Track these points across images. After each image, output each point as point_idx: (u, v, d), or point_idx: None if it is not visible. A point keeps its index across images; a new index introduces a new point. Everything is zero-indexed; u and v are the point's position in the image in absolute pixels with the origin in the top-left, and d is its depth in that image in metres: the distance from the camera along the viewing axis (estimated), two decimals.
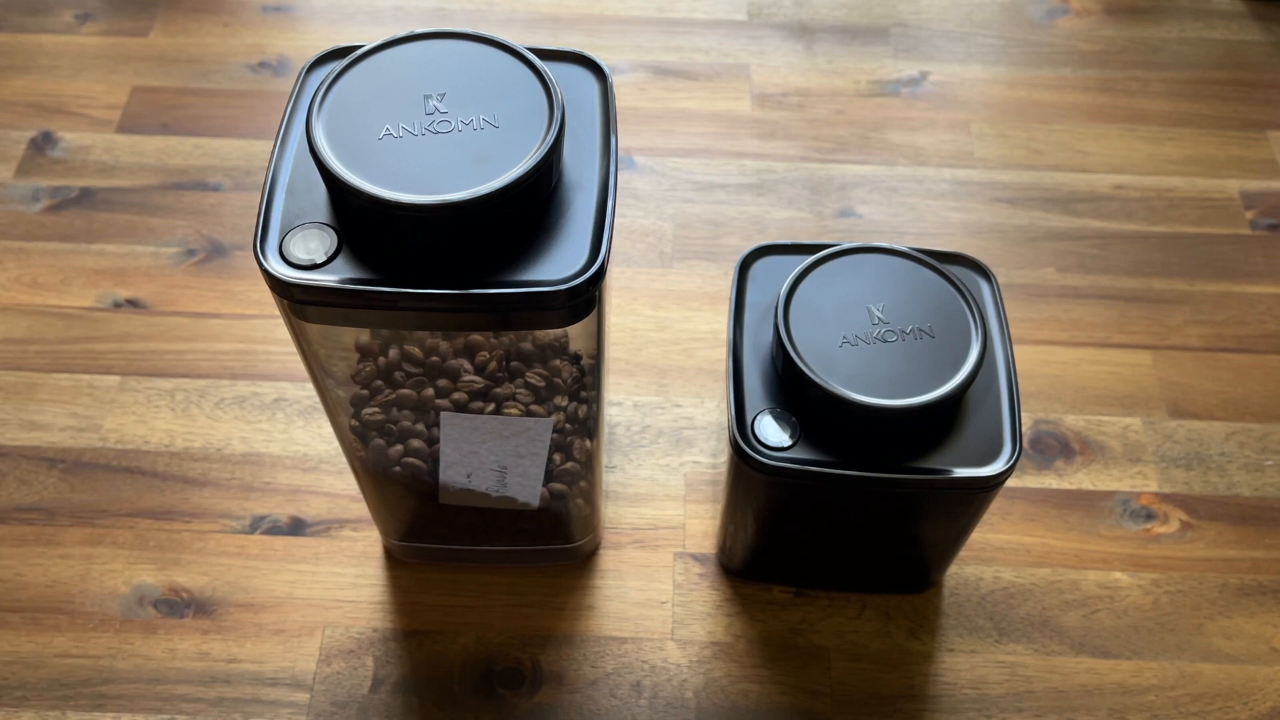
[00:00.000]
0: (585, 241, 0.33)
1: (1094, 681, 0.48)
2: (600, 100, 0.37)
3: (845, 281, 0.42)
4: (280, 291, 0.32)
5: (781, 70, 0.73)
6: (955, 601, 0.50)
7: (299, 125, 0.35)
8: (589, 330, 0.37)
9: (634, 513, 0.53)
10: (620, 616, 0.50)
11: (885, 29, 0.76)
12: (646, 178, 0.66)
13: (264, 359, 0.58)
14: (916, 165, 0.67)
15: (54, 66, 0.72)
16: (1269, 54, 0.74)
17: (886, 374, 0.39)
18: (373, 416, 0.41)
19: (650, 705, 0.47)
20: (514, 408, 0.40)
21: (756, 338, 0.43)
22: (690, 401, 0.57)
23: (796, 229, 0.64)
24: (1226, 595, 0.51)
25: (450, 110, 0.33)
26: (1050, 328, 0.60)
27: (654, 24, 0.75)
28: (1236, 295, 0.61)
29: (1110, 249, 0.63)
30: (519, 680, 0.48)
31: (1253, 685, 0.48)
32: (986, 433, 0.41)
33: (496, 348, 0.39)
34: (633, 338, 0.59)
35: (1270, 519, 0.53)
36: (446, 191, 0.31)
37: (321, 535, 0.52)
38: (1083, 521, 0.53)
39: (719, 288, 0.61)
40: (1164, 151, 0.69)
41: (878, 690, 0.48)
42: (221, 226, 0.63)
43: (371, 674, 0.48)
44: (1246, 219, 0.65)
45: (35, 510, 0.52)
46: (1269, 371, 0.58)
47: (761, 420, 0.41)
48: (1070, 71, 0.73)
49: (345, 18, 0.75)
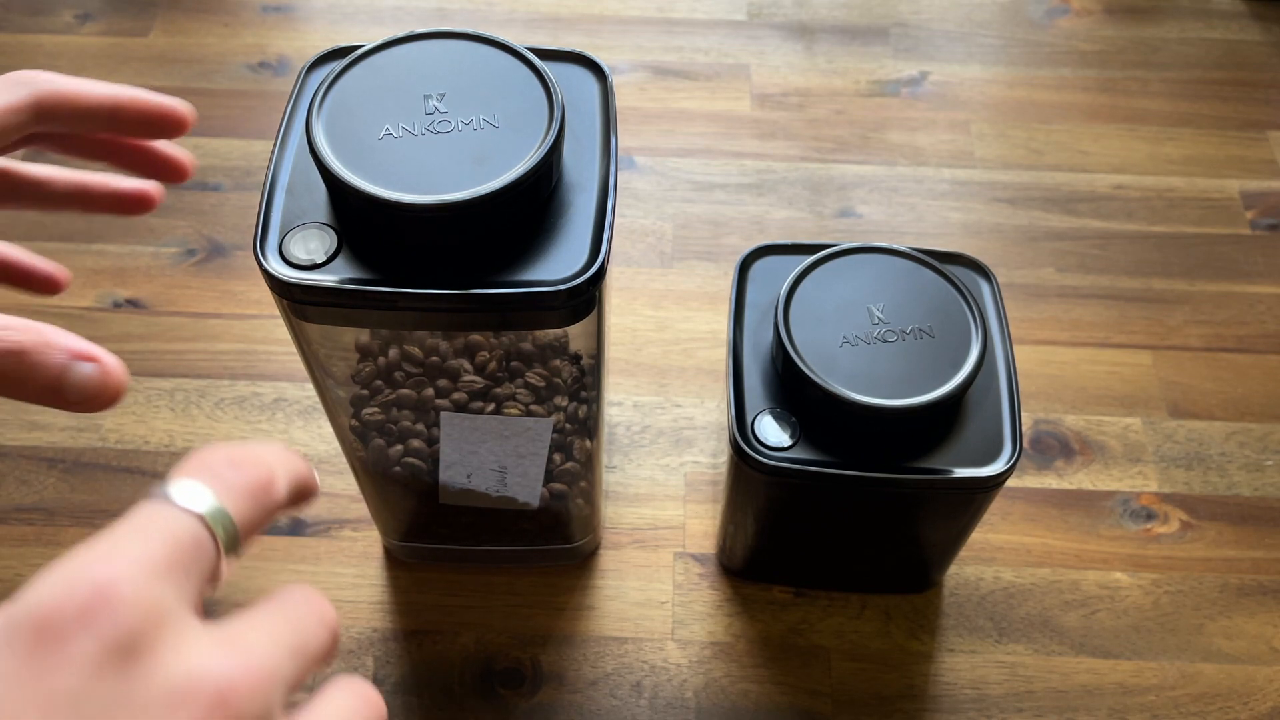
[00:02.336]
0: (585, 241, 0.33)
1: (1094, 681, 0.48)
2: (600, 100, 0.36)
3: (845, 281, 0.42)
4: (280, 291, 0.32)
5: (781, 70, 0.73)
6: (955, 601, 0.50)
7: (299, 125, 0.35)
8: (589, 330, 0.37)
9: (634, 513, 0.53)
10: (620, 616, 0.50)
11: (885, 29, 0.76)
12: (646, 178, 0.66)
13: (264, 359, 0.58)
14: (916, 165, 0.67)
15: (54, 66, 0.71)
16: (1269, 54, 0.74)
17: (886, 374, 0.39)
18: (373, 416, 0.41)
19: (650, 705, 0.47)
20: (514, 408, 0.40)
21: (756, 338, 0.43)
22: (690, 401, 0.57)
23: (796, 229, 0.64)
24: (1226, 595, 0.51)
25: (450, 110, 0.33)
26: (1050, 328, 0.60)
27: (654, 24, 0.75)
28: (1236, 295, 0.61)
29: (1110, 249, 0.63)
30: (519, 680, 0.48)
31: (1253, 685, 0.48)
32: (986, 433, 0.41)
33: (496, 348, 0.39)
34: (633, 338, 0.59)
35: (1270, 519, 0.53)
36: (446, 191, 0.31)
37: (321, 535, 0.52)
38: (1083, 521, 0.53)
39: (719, 288, 0.61)
40: (1164, 151, 0.69)
41: (878, 690, 0.48)
42: (221, 226, 0.63)
43: (371, 674, 0.48)
44: (1246, 219, 0.65)
45: (35, 510, 0.52)
46: (1269, 371, 0.58)
47: (761, 420, 0.41)
48: (1070, 71, 0.73)
49: (345, 18, 0.75)
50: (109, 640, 0.17)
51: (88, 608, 0.17)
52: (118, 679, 0.17)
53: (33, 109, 0.30)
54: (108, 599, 0.17)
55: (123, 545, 0.19)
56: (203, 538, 0.20)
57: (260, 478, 0.22)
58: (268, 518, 0.22)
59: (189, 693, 0.18)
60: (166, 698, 0.17)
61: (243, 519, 0.21)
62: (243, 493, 0.21)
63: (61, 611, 0.17)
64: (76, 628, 0.17)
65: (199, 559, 0.20)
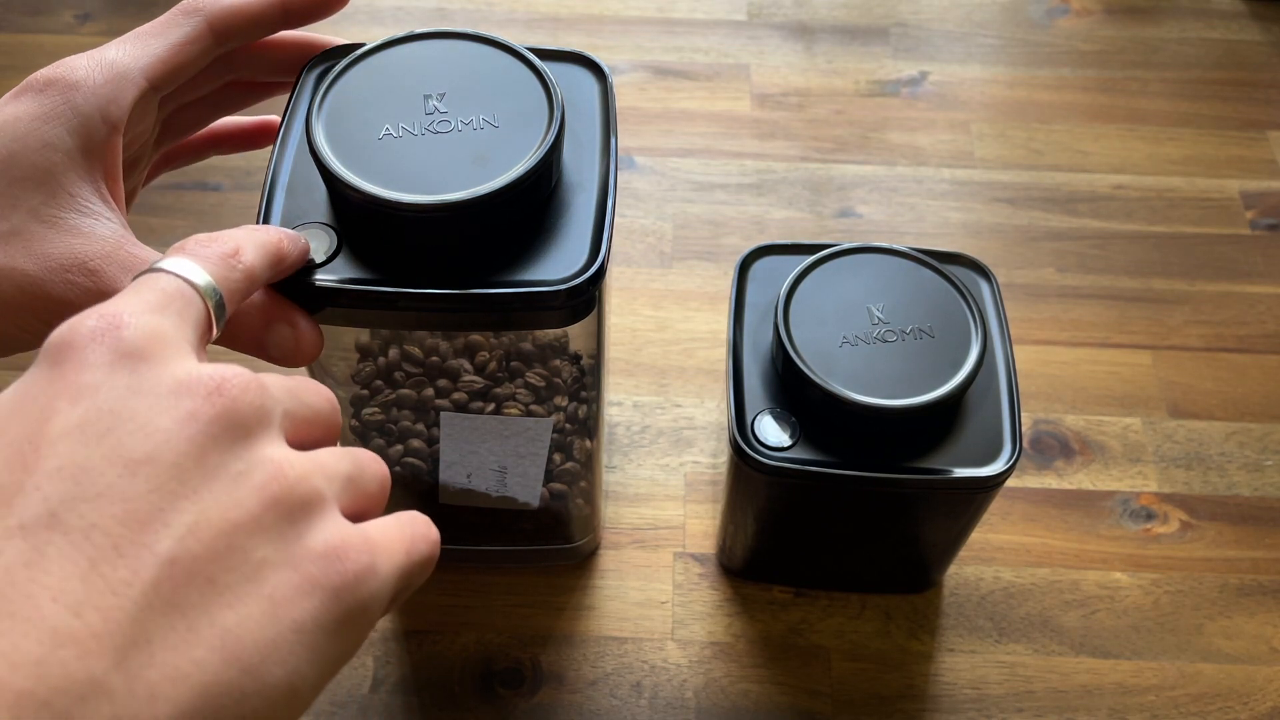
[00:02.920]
0: (585, 241, 0.33)
1: (1094, 681, 0.48)
2: (600, 100, 0.36)
3: (845, 281, 0.42)
4: (280, 291, 0.32)
5: (781, 70, 0.73)
6: (955, 601, 0.50)
7: (299, 125, 0.35)
8: (589, 330, 0.37)
9: (634, 513, 0.53)
10: (620, 616, 0.50)
11: (885, 29, 0.76)
12: (646, 178, 0.66)
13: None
14: (916, 165, 0.67)
15: None
16: (1269, 54, 0.74)
17: (886, 374, 0.39)
18: (373, 416, 0.41)
19: (650, 705, 0.47)
20: (514, 408, 0.40)
21: (756, 338, 0.43)
22: (690, 401, 0.57)
23: (796, 229, 0.64)
24: (1226, 595, 0.51)
25: (450, 110, 0.33)
26: (1050, 328, 0.60)
27: (654, 24, 0.75)
28: (1236, 295, 0.61)
29: (1110, 249, 0.63)
30: (519, 680, 0.48)
31: (1253, 685, 0.48)
32: (986, 433, 0.41)
33: (496, 348, 0.39)
34: (633, 338, 0.59)
35: (1270, 519, 0.53)
36: (446, 191, 0.31)
37: None
38: (1083, 521, 0.53)
39: (719, 288, 0.61)
40: (1164, 151, 0.69)
41: (878, 690, 0.48)
42: (221, 226, 0.63)
43: (371, 674, 0.48)
44: (1246, 219, 0.65)
45: None
46: (1269, 371, 0.58)
47: (761, 420, 0.41)
48: (1070, 71, 0.73)
49: (345, 18, 0.75)
50: (118, 348, 0.21)
51: (98, 329, 0.21)
52: (130, 375, 0.21)
53: (210, 34, 0.33)
54: (114, 323, 0.21)
55: (123, 296, 0.23)
56: (188, 291, 0.24)
57: (227, 248, 0.26)
58: (246, 279, 0.27)
59: (191, 384, 0.21)
60: (173, 387, 0.21)
61: (219, 279, 0.25)
62: (214, 259, 0.26)
63: (76, 333, 0.21)
64: (90, 341, 0.21)
65: (189, 305, 0.24)
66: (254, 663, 0.20)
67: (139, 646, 0.18)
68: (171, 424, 0.21)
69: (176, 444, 0.20)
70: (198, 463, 0.20)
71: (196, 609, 0.19)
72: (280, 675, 0.20)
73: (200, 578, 0.20)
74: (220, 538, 0.20)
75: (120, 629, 0.18)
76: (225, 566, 0.20)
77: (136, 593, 0.19)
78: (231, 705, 0.19)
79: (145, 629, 0.19)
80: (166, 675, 0.19)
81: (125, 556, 0.19)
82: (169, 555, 0.19)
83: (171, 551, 0.19)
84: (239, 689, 0.19)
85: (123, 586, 0.19)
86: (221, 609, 0.20)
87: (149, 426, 0.20)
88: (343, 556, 0.22)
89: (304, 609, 0.21)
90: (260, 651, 0.20)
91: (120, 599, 0.18)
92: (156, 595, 0.19)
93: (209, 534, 0.20)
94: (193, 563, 0.20)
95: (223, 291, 0.25)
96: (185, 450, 0.20)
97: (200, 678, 0.19)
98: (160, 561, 0.19)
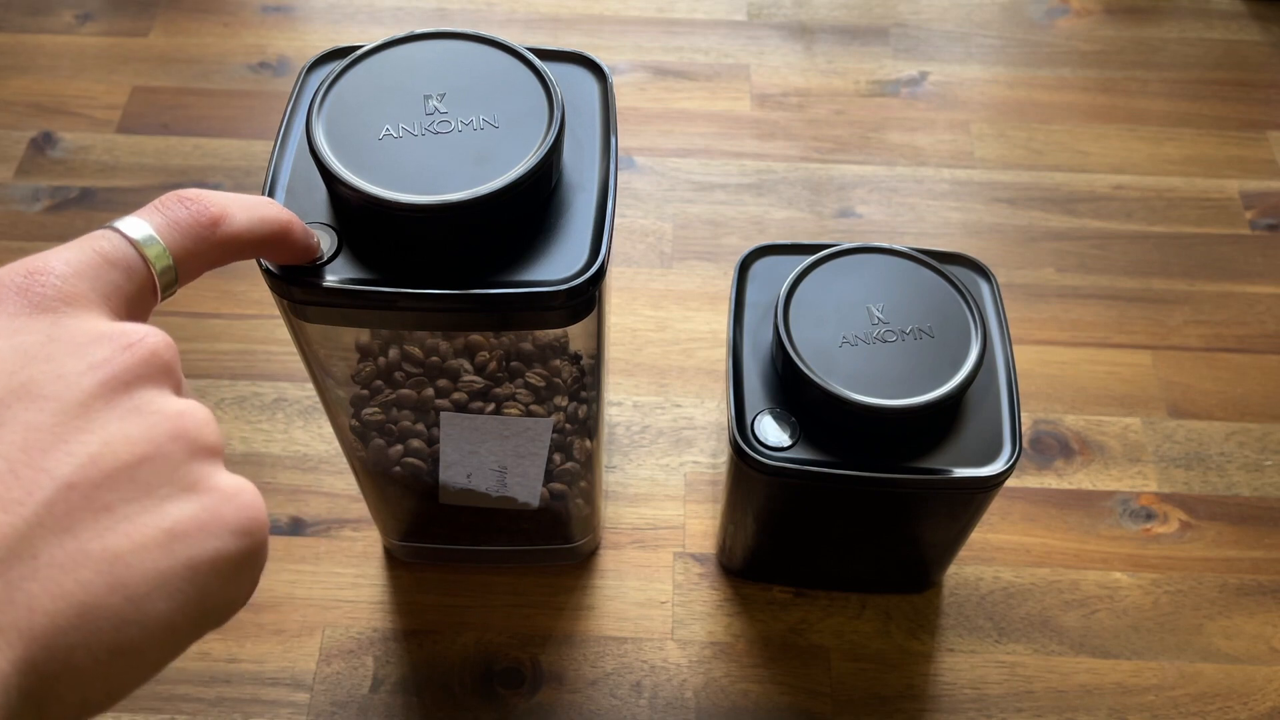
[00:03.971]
0: (585, 241, 0.33)
1: (1094, 681, 0.48)
2: (600, 100, 0.36)
3: (845, 281, 0.42)
4: (280, 292, 0.32)
5: (781, 70, 0.73)
6: (955, 601, 0.50)
7: (299, 125, 0.35)
8: (589, 330, 0.37)
9: (634, 513, 0.53)
10: (620, 616, 0.50)
11: (885, 29, 0.76)
12: (646, 178, 0.66)
13: (264, 359, 0.58)
14: (916, 165, 0.67)
15: (54, 67, 0.72)
16: (1269, 54, 0.74)
17: (886, 374, 0.39)
18: (373, 416, 0.41)
19: (650, 705, 0.47)
20: (514, 408, 0.40)
21: (756, 338, 0.43)
22: (690, 401, 0.57)
23: (796, 229, 0.64)
24: (1226, 595, 0.51)
25: (450, 110, 0.33)
26: (1050, 328, 0.60)
27: (654, 24, 0.75)
28: (1236, 295, 0.61)
29: (1110, 249, 0.63)
30: (519, 680, 0.48)
31: (1252, 685, 0.48)
32: (986, 433, 0.41)
33: (496, 348, 0.39)
34: (633, 338, 0.59)
35: (1270, 519, 0.53)
36: (446, 191, 0.31)
37: (321, 535, 0.52)
38: (1082, 521, 0.53)
39: (719, 288, 0.61)
40: (1164, 151, 0.69)
41: (878, 690, 0.48)
42: None
43: (371, 674, 0.48)
44: (1246, 219, 0.65)
45: None
46: (1269, 371, 0.58)
47: (761, 420, 0.41)
48: (1070, 71, 0.73)
49: (345, 18, 0.75)
50: (35, 300, 0.22)
51: (21, 283, 0.22)
52: (48, 324, 0.22)
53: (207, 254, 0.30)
54: (35, 278, 0.22)
55: (58, 251, 0.24)
56: (131, 256, 0.24)
57: (205, 214, 0.26)
58: (214, 250, 0.27)
59: (108, 335, 0.22)
60: (93, 336, 0.22)
61: (177, 247, 0.25)
62: (182, 225, 0.26)
63: (3, 284, 0.22)
64: (13, 292, 0.22)
65: (123, 269, 0.24)
66: (140, 592, 0.20)
67: (24, 560, 0.19)
68: (84, 366, 0.21)
69: (86, 385, 0.21)
70: (106, 402, 0.21)
71: (90, 533, 0.20)
72: (164, 610, 0.20)
73: (97, 503, 0.20)
74: (123, 469, 0.21)
75: (6, 541, 0.19)
76: (125, 497, 0.20)
77: (29, 511, 0.19)
78: (108, 629, 0.20)
79: (32, 545, 0.19)
80: (48, 590, 0.19)
81: (21, 479, 0.19)
82: (67, 480, 0.20)
83: (70, 477, 0.20)
84: (119, 615, 0.20)
85: (14, 505, 0.19)
86: (116, 536, 0.20)
87: (62, 368, 0.21)
88: (249, 502, 0.22)
89: (205, 546, 0.21)
90: (149, 582, 0.20)
91: (10, 515, 0.19)
92: (49, 515, 0.19)
93: (111, 464, 0.21)
94: (91, 489, 0.20)
95: (176, 258, 0.25)
96: (94, 391, 0.21)
97: (82, 596, 0.19)
98: (57, 485, 0.20)
